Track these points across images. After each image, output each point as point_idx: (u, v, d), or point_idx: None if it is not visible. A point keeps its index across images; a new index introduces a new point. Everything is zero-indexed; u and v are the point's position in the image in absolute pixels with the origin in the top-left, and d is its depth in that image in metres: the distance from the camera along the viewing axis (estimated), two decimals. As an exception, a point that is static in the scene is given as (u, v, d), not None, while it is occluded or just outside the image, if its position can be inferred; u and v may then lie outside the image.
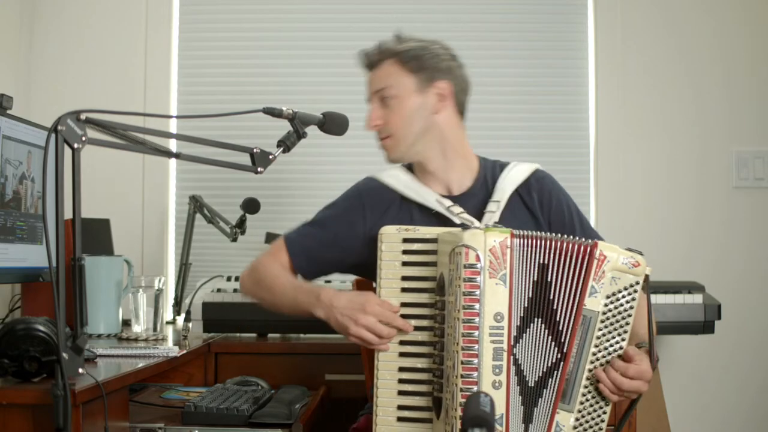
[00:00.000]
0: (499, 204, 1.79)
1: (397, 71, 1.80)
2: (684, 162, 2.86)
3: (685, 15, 2.87)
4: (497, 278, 1.48)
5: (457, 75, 1.84)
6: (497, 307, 1.48)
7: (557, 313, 1.52)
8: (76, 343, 1.31)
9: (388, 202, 1.83)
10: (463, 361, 1.46)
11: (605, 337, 1.53)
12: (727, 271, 2.79)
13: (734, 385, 2.79)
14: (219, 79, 2.90)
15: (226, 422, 1.70)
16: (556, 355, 1.52)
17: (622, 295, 1.53)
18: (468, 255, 1.47)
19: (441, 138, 1.82)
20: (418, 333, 1.58)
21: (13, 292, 2.41)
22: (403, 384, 1.58)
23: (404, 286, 1.60)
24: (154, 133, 1.51)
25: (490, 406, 1.09)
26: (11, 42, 2.75)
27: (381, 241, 1.61)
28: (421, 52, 1.81)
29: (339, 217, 1.85)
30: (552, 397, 1.52)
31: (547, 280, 1.52)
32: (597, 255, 1.51)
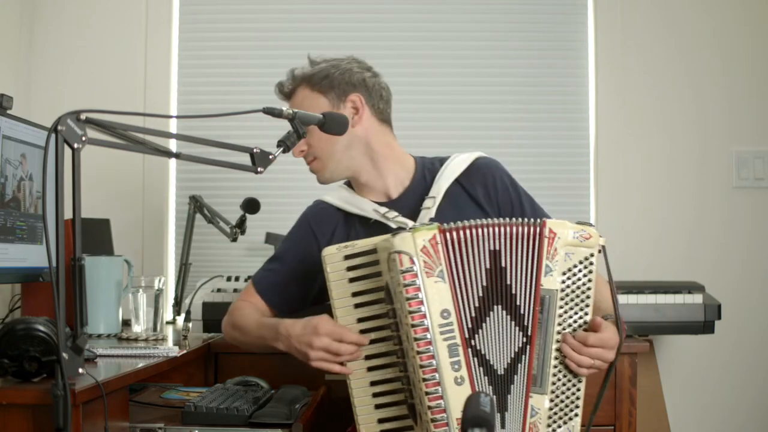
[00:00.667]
0: (435, 199, 1.80)
1: (310, 95, 1.86)
2: (684, 162, 2.86)
3: (685, 15, 2.87)
4: (435, 276, 1.48)
5: (371, 84, 1.87)
6: (442, 305, 1.48)
7: (517, 297, 1.51)
8: (76, 343, 1.31)
9: (334, 222, 1.88)
10: (421, 364, 1.47)
11: (567, 314, 1.52)
12: (727, 271, 2.79)
13: (734, 385, 2.79)
14: (219, 79, 2.90)
15: (226, 422, 1.70)
16: (521, 339, 1.52)
17: (578, 269, 1.52)
18: (402, 260, 1.48)
19: (366, 148, 1.85)
20: (381, 345, 1.59)
21: (13, 292, 2.41)
22: (378, 397, 1.59)
23: (356, 302, 1.60)
24: (154, 133, 1.51)
25: (490, 406, 1.09)
26: (11, 42, 2.75)
27: (325, 263, 1.61)
28: (331, 71, 1.87)
29: (294, 248, 1.91)
30: (524, 382, 1.52)
31: (501, 266, 1.51)
32: (546, 233, 1.51)
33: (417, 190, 1.85)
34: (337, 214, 1.89)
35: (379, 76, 1.91)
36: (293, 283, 1.89)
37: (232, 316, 1.90)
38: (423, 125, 2.86)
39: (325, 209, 1.91)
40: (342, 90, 1.84)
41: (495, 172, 1.87)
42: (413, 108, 2.85)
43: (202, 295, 2.34)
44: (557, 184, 2.86)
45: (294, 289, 1.89)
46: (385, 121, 1.90)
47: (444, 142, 2.72)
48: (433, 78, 2.90)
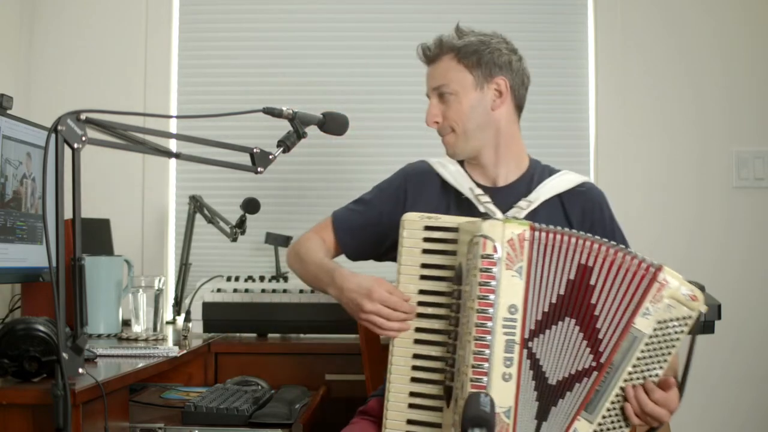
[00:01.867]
0: (531, 203, 1.80)
1: (456, 67, 1.82)
2: (684, 162, 2.86)
3: (685, 15, 2.87)
4: (513, 270, 1.46)
5: (516, 69, 1.87)
6: (512, 299, 1.46)
7: (598, 320, 1.50)
8: (76, 343, 1.31)
9: (430, 186, 1.87)
10: (474, 351, 1.45)
11: (645, 360, 1.51)
12: (727, 271, 2.79)
13: (734, 385, 2.79)
14: (219, 79, 2.90)
15: (226, 422, 1.70)
16: (589, 361, 1.50)
17: (674, 324, 1.51)
18: (485, 245, 1.46)
19: (496, 133, 1.85)
20: (435, 321, 1.57)
21: (13, 292, 2.41)
22: (417, 371, 1.57)
23: (423, 274, 1.58)
24: (154, 133, 1.51)
25: (490, 406, 1.09)
26: (11, 42, 2.75)
27: (403, 228, 1.60)
28: (480, 47, 1.82)
29: (383, 195, 1.90)
30: (577, 402, 1.50)
31: (588, 283, 1.50)
32: (660, 278, 1.50)
33: (519, 189, 1.84)
34: (436, 180, 1.87)
35: (523, 60, 1.90)
36: (370, 231, 1.87)
37: (298, 245, 1.90)
38: (422, 125, 2.85)
39: (426, 171, 1.89)
40: (489, 70, 1.82)
41: (599, 201, 1.87)
42: (412, 108, 2.84)
43: (202, 295, 2.34)
44: (557, 184, 2.86)
45: (369, 236, 1.87)
46: (520, 108, 1.91)
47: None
48: (433, 78, 2.90)
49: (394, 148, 2.81)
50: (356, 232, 1.88)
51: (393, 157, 2.78)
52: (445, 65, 1.83)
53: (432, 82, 1.86)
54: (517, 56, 1.88)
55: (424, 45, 1.87)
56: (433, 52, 1.85)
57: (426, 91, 1.88)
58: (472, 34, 1.85)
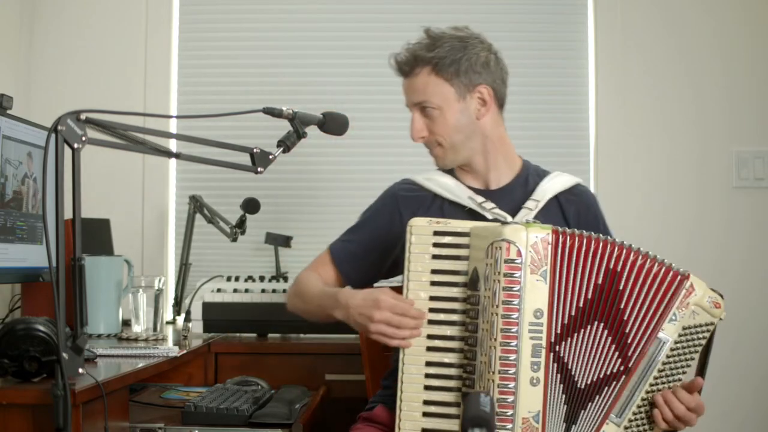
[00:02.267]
0: (538, 204, 1.79)
1: (435, 81, 1.77)
2: (684, 162, 2.86)
3: (685, 15, 2.87)
4: (538, 274, 1.46)
5: (495, 69, 1.81)
6: (537, 304, 1.46)
7: (627, 325, 1.50)
8: (76, 343, 1.31)
9: (421, 201, 1.84)
10: (501, 356, 1.44)
11: (669, 365, 1.53)
12: (727, 271, 2.79)
13: (734, 384, 2.79)
14: (219, 79, 2.90)
15: (226, 422, 1.70)
16: (618, 365, 1.50)
17: (697, 330, 1.53)
18: (509, 250, 1.45)
19: (483, 139, 1.83)
20: (446, 327, 1.55)
21: (13, 292, 2.41)
22: (430, 379, 1.55)
23: (434, 280, 1.56)
24: (154, 133, 1.51)
25: (490, 406, 1.09)
26: (11, 42, 2.75)
27: (410, 233, 1.57)
28: (457, 56, 1.76)
29: (376, 219, 1.88)
30: (605, 406, 1.51)
31: (618, 288, 1.50)
32: (687, 285, 1.51)
33: (516, 190, 1.83)
34: (424, 194, 1.85)
35: (499, 54, 1.84)
36: (370, 256, 1.85)
37: (296, 284, 1.88)
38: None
39: (412, 188, 1.87)
40: (469, 79, 1.77)
41: (592, 204, 1.89)
42: (413, 108, 2.85)
43: (202, 295, 2.34)
44: (557, 184, 2.86)
45: (369, 261, 1.85)
46: (502, 106, 1.87)
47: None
48: (433, 78, 2.90)
49: (394, 148, 2.81)
50: (357, 261, 1.86)
51: (393, 157, 2.80)
52: (423, 80, 1.77)
53: (412, 97, 1.80)
54: (493, 53, 1.81)
55: (397, 58, 1.81)
56: (408, 65, 1.79)
57: (406, 103, 1.83)
58: (445, 39, 1.78)
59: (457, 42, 1.78)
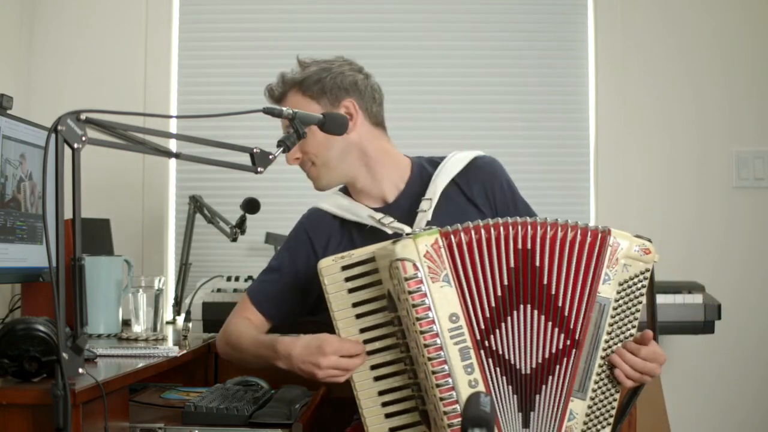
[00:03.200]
0: (431, 201, 1.78)
1: (301, 100, 1.82)
2: (684, 162, 2.86)
3: (685, 15, 2.88)
4: (440, 281, 1.46)
5: (363, 88, 1.85)
6: (450, 309, 1.46)
7: (558, 299, 1.49)
8: (76, 343, 1.31)
9: (330, 229, 1.85)
10: (434, 371, 1.45)
11: (617, 324, 1.51)
12: (727, 271, 2.79)
13: (734, 384, 2.79)
14: (219, 79, 2.90)
15: (226, 422, 1.70)
16: (563, 341, 1.49)
17: (634, 282, 1.52)
18: (405, 267, 1.45)
19: (361, 154, 1.83)
20: (387, 353, 1.56)
21: (13, 292, 2.41)
22: (388, 406, 1.56)
23: (358, 312, 1.57)
24: (154, 133, 1.51)
25: (490, 406, 1.09)
26: (11, 42, 2.75)
27: (322, 276, 1.58)
28: (322, 75, 1.83)
29: (291, 257, 1.88)
30: (564, 385, 1.50)
31: (534, 265, 1.48)
32: (611, 242, 1.50)
33: (413, 192, 1.83)
34: (332, 221, 1.86)
35: (370, 77, 1.88)
36: (290, 293, 1.86)
37: (225, 334, 1.87)
38: (422, 125, 2.86)
39: (320, 217, 1.88)
40: (334, 96, 1.81)
41: (495, 172, 1.85)
42: (412, 108, 2.85)
43: (202, 295, 2.34)
44: (557, 184, 2.87)
45: (291, 299, 1.86)
46: (379, 124, 1.88)
47: (443, 143, 2.72)
48: (432, 78, 2.90)
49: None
50: (278, 299, 1.86)
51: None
52: (293, 101, 1.82)
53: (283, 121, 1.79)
54: (362, 75, 1.86)
55: (269, 86, 1.87)
56: (278, 90, 1.85)
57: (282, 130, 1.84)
58: (314, 64, 1.86)
59: (325, 64, 1.86)
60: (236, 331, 1.84)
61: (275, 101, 1.86)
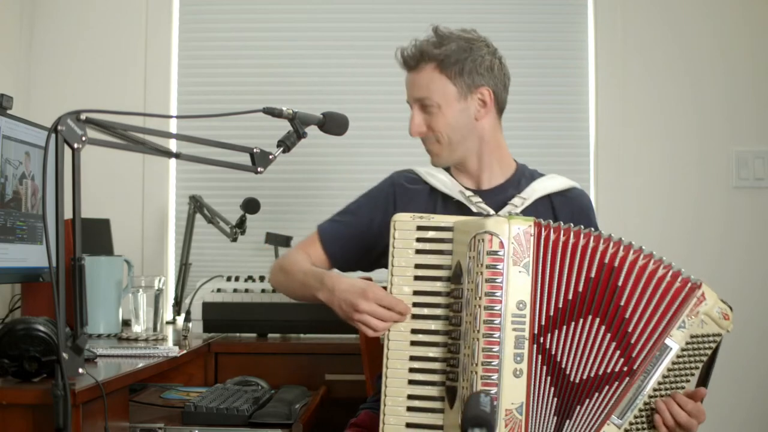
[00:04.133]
0: (525, 201, 1.81)
1: (438, 78, 1.78)
2: (684, 162, 2.86)
3: (685, 15, 2.88)
4: (520, 266, 1.46)
5: (498, 74, 1.83)
6: (519, 295, 1.46)
7: (630, 324, 1.49)
8: (76, 343, 1.31)
9: (417, 192, 1.86)
10: (483, 348, 1.44)
11: (674, 372, 1.52)
12: (727, 271, 2.79)
13: (734, 384, 2.79)
14: (219, 79, 2.90)
15: (226, 422, 1.70)
16: (620, 365, 1.49)
17: (704, 340, 1.53)
18: (492, 241, 1.45)
19: (480, 141, 1.84)
20: (431, 321, 1.55)
21: (13, 292, 2.41)
22: (414, 373, 1.54)
23: (417, 274, 1.56)
24: (154, 133, 1.51)
25: (490, 406, 1.09)
26: (11, 42, 2.75)
27: (394, 229, 1.57)
28: (462, 56, 1.78)
29: (370, 204, 1.89)
30: (607, 406, 1.50)
31: (615, 284, 1.49)
32: (698, 294, 1.51)
33: (508, 190, 1.85)
34: (423, 186, 1.88)
35: (503, 60, 1.85)
36: (359, 240, 1.86)
37: (282, 259, 1.89)
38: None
39: (413, 178, 1.90)
40: (472, 79, 1.78)
41: (588, 209, 1.89)
42: (413, 108, 2.85)
43: (202, 295, 2.34)
44: (557, 184, 2.86)
45: (359, 245, 1.86)
46: (502, 111, 1.88)
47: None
48: (433, 78, 2.90)
49: (394, 148, 2.81)
50: (345, 242, 1.87)
51: (393, 157, 2.79)
52: (428, 76, 1.79)
53: (414, 92, 1.81)
54: (497, 58, 1.84)
55: (404, 52, 1.82)
56: (414, 59, 1.80)
57: (407, 98, 1.85)
58: (453, 38, 1.80)
59: (464, 42, 1.80)
60: (294, 258, 1.85)
61: (408, 68, 1.82)
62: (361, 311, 1.56)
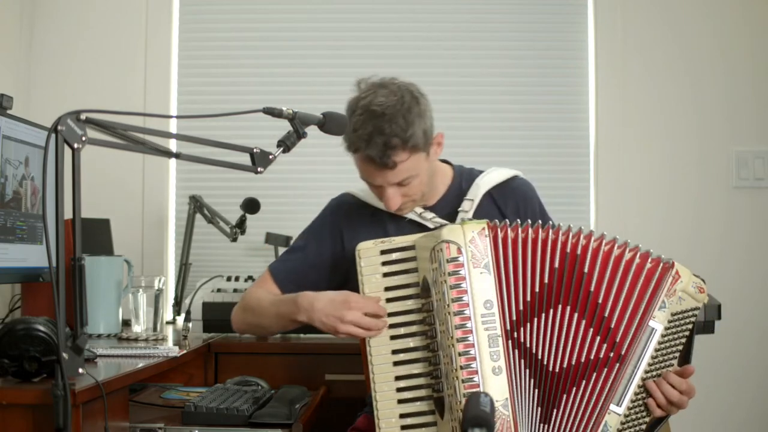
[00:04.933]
0: (473, 202, 1.82)
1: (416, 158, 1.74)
2: (684, 162, 2.86)
3: (685, 15, 2.88)
4: (481, 267, 1.50)
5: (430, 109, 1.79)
6: (485, 295, 1.49)
7: (605, 309, 1.50)
8: (76, 343, 1.31)
9: (360, 218, 1.87)
10: (460, 352, 1.47)
11: (662, 352, 1.53)
12: (727, 271, 2.79)
13: (734, 384, 2.79)
14: (219, 79, 2.90)
15: (226, 422, 1.70)
16: (605, 351, 1.50)
17: (684, 316, 1.55)
18: (449, 249, 1.49)
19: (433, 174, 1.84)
20: (409, 339, 1.59)
21: (13, 292, 2.41)
22: (402, 392, 1.59)
23: (388, 297, 1.62)
24: (154, 133, 1.51)
25: (490, 406, 1.09)
26: (11, 42, 2.75)
27: (359, 257, 1.63)
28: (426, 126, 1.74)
29: (316, 238, 1.90)
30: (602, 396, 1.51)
31: (582, 271, 1.51)
32: (672, 273, 1.53)
33: (452, 197, 1.86)
34: (364, 208, 1.88)
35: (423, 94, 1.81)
36: (312, 274, 1.87)
37: (243, 302, 1.89)
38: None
39: (352, 204, 1.90)
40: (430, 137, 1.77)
41: (530, 196, 1.90)
42: (413, 108, 2.85)
43: (202, 295, 2.34)
44: (557, 185, 2.86)
45: (313, 280, 1.85)
46: None
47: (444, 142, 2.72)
48: (433, 78, 2.89)
49: (394, 148, 2.81)
50: (298, 277, 1.86)
51: (393, 157, 2.79)
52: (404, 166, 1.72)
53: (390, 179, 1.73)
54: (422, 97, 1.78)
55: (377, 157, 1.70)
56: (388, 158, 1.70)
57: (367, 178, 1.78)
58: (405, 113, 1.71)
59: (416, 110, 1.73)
60: (255, 296, 1.86)
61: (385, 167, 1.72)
62: (347, 322, 1.60)
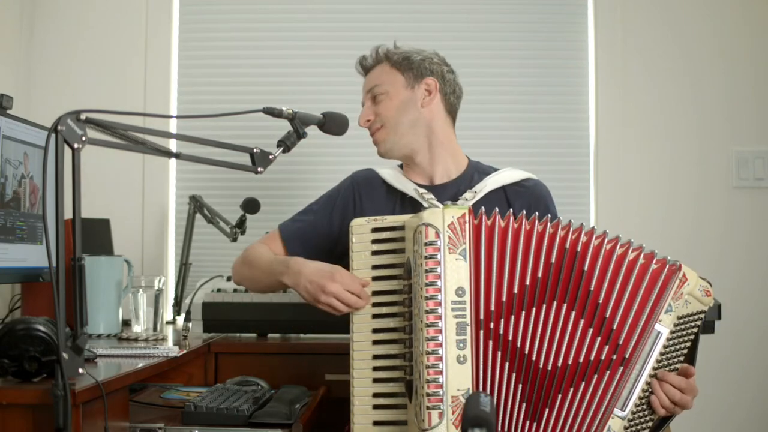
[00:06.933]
0: (476, 194, 1.83)
1: (389, 71, 1.93)
2: (684, 162, 2.86)
3: (685, 15, 2.88)
4: (457, 253, 1.48)
5: (447, 78, 1.94)
6: (458, 282, 1.48)
7: (606, 310, 1.49)
8: (76, 343, 1.31)
9: (378, 192, 1.93)
10: (428, 338, 1.46)
11: (667, 355, 1.52)
12: (727, 271, 2.79)
13: (734, 384, 2.79)
14: (219, 79, 2.90)
15: (226, 422, 1.70)
16: (606, 353, 1.49)
17: (691, 319, 1.54)
18: (427, 232, 1.49)
19: (428, 131, 1.91)
20: (390, 320, 1.59)
21: (13, 292, 2.41)
22: (378, 371, 1.59)
23: (375, 275, 1.62)
24: (154, 133, 1.51)
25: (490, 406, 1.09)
26: (11, 42, 2.75)
27: (352, 233, 1.64)
28: (413, 55, 1.93)
29: (330, 204, 1.95)
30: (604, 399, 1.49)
31: (581, 269, 1.49)
32: (680, 276, 1.52)
33: (461, 185, 1.89)
34: (383, 186, 1.94)
35: (455, 74, 1.98)
36: (321, 239, 1.91)
37: (245, 254, 1.94)
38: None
39: (374, 178, 1.96)
40: (419, 72, 1.91)
41: (543, 195, 1.92)
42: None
43: (202, 295, 2.34)
44: (557, 184, 2.84)
45: (320, 245, 1.90)
46: (451, 113, 1.97)
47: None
48: (433, 78, 2.90)
49: (394, 148, 2.81)
50: (306, 241, 1.91)
51: (393, 157, 2.80)
52: (379, 70, 1.94)
53: (366, 86, 1.95)
54: (449, 68, 1.96)
55: (362, 57, 1.98)
56: (369, 62, 1.96)
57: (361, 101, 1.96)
58: (409, 48, 1.95)
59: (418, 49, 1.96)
60: (257, 251, 1.91)
61: (364, 71, 1.98)
62: (328, 293, 1.62)
